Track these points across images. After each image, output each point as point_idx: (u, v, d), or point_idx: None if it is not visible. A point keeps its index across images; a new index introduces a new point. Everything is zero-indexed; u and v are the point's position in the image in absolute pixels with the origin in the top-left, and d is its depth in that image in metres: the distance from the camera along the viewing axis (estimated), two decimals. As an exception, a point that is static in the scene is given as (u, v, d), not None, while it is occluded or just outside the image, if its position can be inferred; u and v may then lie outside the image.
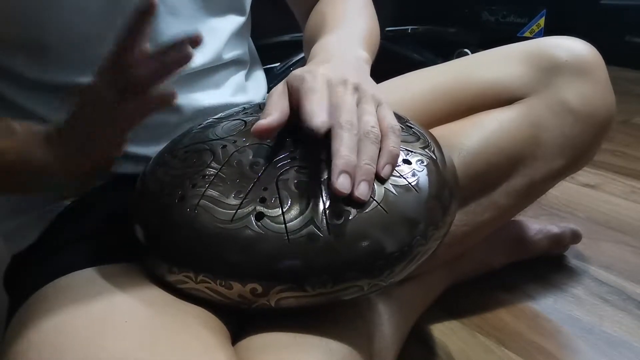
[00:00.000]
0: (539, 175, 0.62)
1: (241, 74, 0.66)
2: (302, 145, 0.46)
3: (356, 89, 0.45)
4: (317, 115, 0.40)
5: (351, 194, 0.40)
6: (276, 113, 0.43)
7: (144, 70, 0.38)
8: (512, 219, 0.76)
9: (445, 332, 0.69)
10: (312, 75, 0.45)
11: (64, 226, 0.54)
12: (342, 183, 0.39)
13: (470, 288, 0.76)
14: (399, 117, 0.49)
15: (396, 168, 0.43)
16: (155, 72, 0.38)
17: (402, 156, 0.45)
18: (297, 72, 0.46)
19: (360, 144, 0.42)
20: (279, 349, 0.42)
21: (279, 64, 1.39)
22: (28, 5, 0.49)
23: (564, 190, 1.01)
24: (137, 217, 0.47)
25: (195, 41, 0.38)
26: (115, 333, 0.39)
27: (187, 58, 0.38)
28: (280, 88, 0.46)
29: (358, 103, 0.44)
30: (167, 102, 0.40)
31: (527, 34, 1.90)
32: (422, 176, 0.44)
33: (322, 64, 0.47)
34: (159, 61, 0.38)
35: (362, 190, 0.40)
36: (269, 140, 0.46)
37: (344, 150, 0.40)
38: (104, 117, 0.41)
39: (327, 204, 0.41)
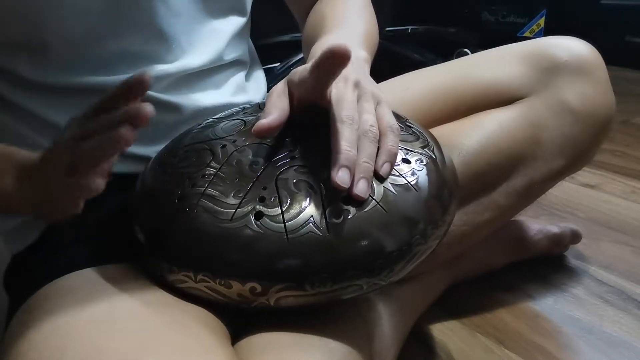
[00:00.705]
0: (539, 175, 0.62)
1: (241, 75, 0.66)
2: (301, 145, 0.46)
3: (356, 85, 0.45)
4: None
5: (350, 191, 0.40)
6: (276, 112, 0.43)
7: (88, 148, 0.36)
8: (512, 219, 0.76)
9: (445, 332, 0.69)
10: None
11: (64, 226, 0.54)
12: (341, 177, 0.39)
13: (470, 288, 0.76)
14: (398, 117, 0.49)
15: (395, 167, 0.43)
16: (97, 152, 0.36)
17: (401, 155, 0.45)
18: (297, 69, 0.46)
19: (359, 142, 0.42)
20: (279, 349, 0.42)
21: (279, 64, 1.39)
22: (29, 5, 0.49)
23: (564, 190, 1.01)
24: (137, 217, 0.47)
25: (139, 116, 0.34)
26: (116, 333, 0.39)
27: (126, 141, 0.34)
28: (280, 87, 0.46)
29: (358, 100, 0.44)
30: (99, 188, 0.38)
31: (527, 34, 1.90)
32: (422, 175, 0.44)
33: None
34: (100, 140, 0.35)
35: (360, 188, 0.40)
36: (268, 140, 0.46)
37: (344, 145, 0.40)
38: (56, 185, 0.39)
39: (327, 203, 0.41)
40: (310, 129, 0.46)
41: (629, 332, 0.67)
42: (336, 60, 0.41)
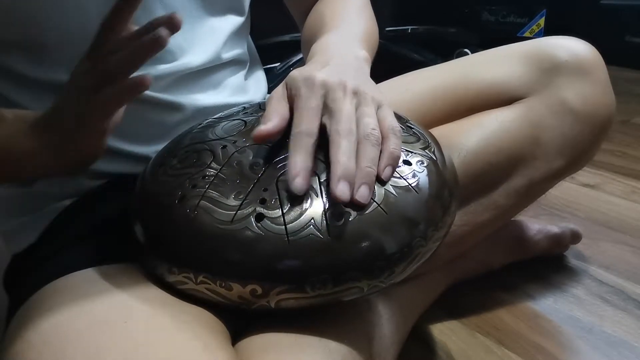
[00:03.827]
0: (539, 175, 0.62)
1: (241, 74, 0.66)
2: None
3: (355, 92, 0.45)
4: (296, 178, 0.40)
5: (351, 197, 0.40)
6: (276, 118, 0.43)
7: (119, 57, 0.39)
8: (512, 219, 0.76)
9: (445, 332, 0.69)
10: (309, 86, 0.44)
11: (64, 226, 0.54)
12: (341, 190, 0.39)
13: (470, 288, 0.76)
14: (399, 118, 0.49)
15: (396, 169, 0.43)
16: (129, 58, 0.40)
17: (402, 157, 0.45)
18: (296, 74, 0.46)
19: (361, 146, 0.41)
20: (279, 349, 0.42)
21: (279, 64, 1.39)
22: (28, 5, 0.49)
23: (564, 190, 1.01)
24: (137, 217, 0.47)
25: (172, 23, 0.39)
26: (115, 334, 0.39)
27: (161, 42, 0.38)
28: (280, 91, 0.46)
29: (358, 106, 0.44)
30: (142, 87, 0.41)
31: (527, 34, 1.90)
32: (422, 177, 0.44)
33: (321, 67, 0.47)
34: (133, 47, 0.39)
35: (362, 194, 0.40)
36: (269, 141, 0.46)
37: (342, 158, 0.40)
38: (83, 107, 0.42)
39: (327, 205, 0.41)
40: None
41: (629, 332, 0.67)
42: None
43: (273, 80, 0.65)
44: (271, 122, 0.43)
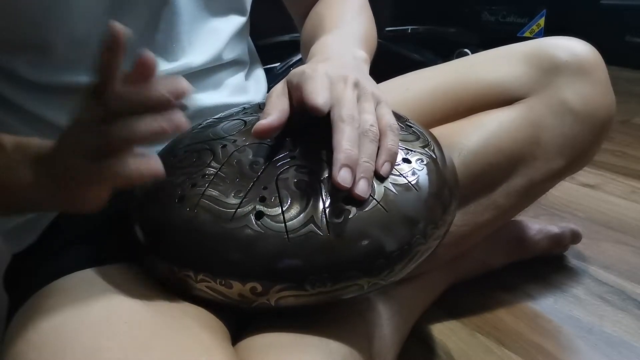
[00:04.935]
0: (539, 175, 0.62)
1: (241, 74, 0.66)
2: (302, 145, 0.46)
3: (356, 85, 0.45)
4: (319, 94, 0.41)
5: (351, 191, 0.40)
6: (276, 113, 0.43)
7: (127, 130, 0.36)
8: (512, 219, 0.76)
9: (445, 332, 0.69)
10: (313, 70, 0.45)
11: (64, 226, 0.54)
12: (343, 176, 0.39)
13: (470, 288, 0.76)
14: (398, 117, 0.49)
15: (396, 167, 0.43)
16: (141, 135, 0.37)
17: (402, 155, 0.45)
18: (297, 70, 0.46)
19: (359, 142, 0.42)
20: (279, 349, 0.42)
21: (279, 64, 1.39)
22: (30, 6, 0.49)
23: (564, 190, 1.01)
24: (137, 217, 0.47)
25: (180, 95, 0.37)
26: (115, 334, 0.39)
27: (181, 128, 0.36)
28: (280, 87, 0.46)
29: (358, 100, 0.44)
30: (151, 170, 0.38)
31: (527, 34, 1.90)
32: (422, 175, 0.44)
33: (321, 62, 0.47)
34: (148, 128, 0.36)
35: (361, 188, 0.40)
36: (268, 140, 0.46)
37: (345, 144, 0.40)
38: (79, 172, 0.39)
39: (327, 202, 0.41)
40: (310, 129, 0.46)
41: (629, 332, 0.67)
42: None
43: (273, 80, 0.65)
44: (271, 117, 0.43)
